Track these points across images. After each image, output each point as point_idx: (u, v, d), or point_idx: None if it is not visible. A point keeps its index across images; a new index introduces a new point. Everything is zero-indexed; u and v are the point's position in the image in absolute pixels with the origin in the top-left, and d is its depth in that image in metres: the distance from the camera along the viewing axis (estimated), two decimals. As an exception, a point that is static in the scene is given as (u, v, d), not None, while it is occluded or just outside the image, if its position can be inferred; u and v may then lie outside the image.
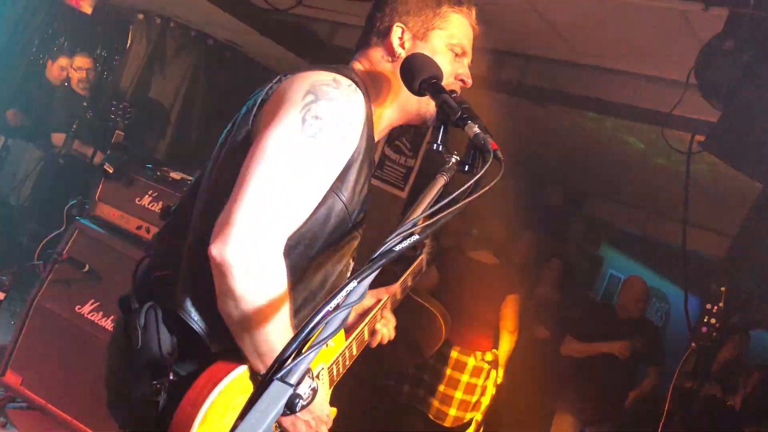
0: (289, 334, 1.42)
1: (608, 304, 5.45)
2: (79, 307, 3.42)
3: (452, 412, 4.43)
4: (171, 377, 1.46)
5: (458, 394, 4.42)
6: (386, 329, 2.08)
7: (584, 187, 7.67)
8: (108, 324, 3.36)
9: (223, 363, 1.46)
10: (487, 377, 4.52)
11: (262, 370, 1.44)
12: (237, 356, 1.46)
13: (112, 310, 3.40)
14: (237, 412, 1.44)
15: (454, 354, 4.44)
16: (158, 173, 3.65)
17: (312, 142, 1.43)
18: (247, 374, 1.48)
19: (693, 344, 3.45)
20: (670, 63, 3.44)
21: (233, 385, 1.45)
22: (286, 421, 1.54)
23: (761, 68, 2.35)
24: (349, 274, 1.70)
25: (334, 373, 1.79)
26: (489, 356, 4.51)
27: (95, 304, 3.42)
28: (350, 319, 1.96)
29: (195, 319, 1.47)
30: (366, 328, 1.98)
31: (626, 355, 4.60)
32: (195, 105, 7.14)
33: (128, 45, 7.28)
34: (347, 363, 1.86)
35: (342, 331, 1.80)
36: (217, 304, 1.40)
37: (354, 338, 1.89)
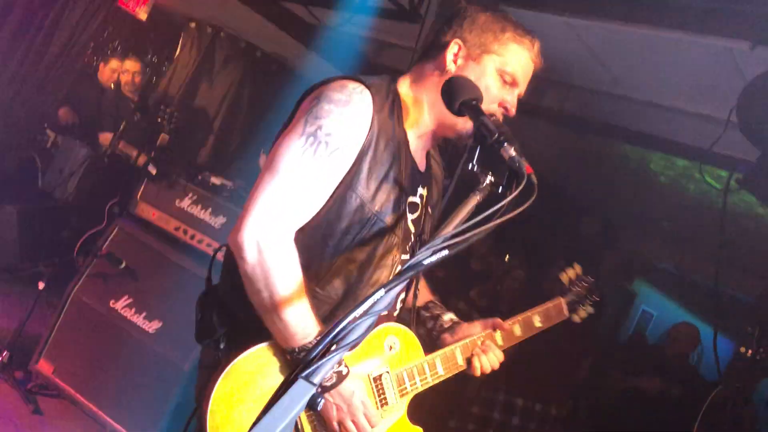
0: (304, 316, 1.55)
1: (658, 345, 5.37)
2: (114, 302, 3.51)
3: None
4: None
5: None
6: (485, 360, 1.89)
7: (621, 219, 7.59)
8: (140, 320, 3.44)
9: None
10: None
11: (283, 345, 1.56)
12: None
13: (145, 306, 3.48)
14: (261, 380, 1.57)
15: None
16: (199, 177, 3.74)
17: (311, 140, 1.58)
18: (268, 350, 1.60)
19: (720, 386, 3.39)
20: (713, 100, 3.43)
21: (253, 356, 1.59)
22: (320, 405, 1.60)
23: (804, 110, 2.34)
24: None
25: (407, 383, 1.77)
26: None
27: (129, 300, 3.50)
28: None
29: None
30: (459, 352, 1.88)
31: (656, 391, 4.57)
32: (238, 115, 7.28)
33: (178, 52, 7.48)
34: (428, 379, 1.81)
35: (419, 344, 1.81)
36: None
37: (439, 357, 1.84)
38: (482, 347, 1.91)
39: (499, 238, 5.88)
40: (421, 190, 1.81)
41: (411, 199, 1.76)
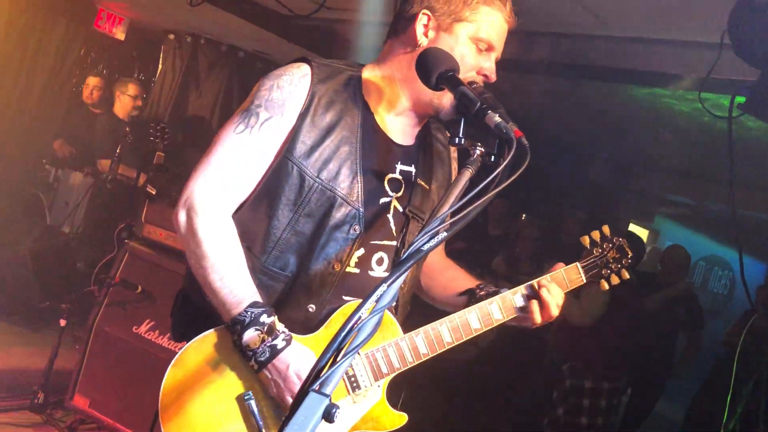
0: (236, 285, 1.53)
1: (650, 272, 5.41)
2: (136, 327, 3.51)
3: None
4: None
5: None
6: (552, 298, 1.74)
7: (629, 160, 7.50)
8: (164, 341, 3.44)
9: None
10: None
11: (224, 320, 1.55)
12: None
13: (168, 327, 3.47)
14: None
15: None
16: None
17: (244, 114, 1.61)
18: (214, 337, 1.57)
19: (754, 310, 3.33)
20: (706, 25, 3.33)
21: (201, 343, 1.57)
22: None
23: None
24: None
25: (382, 364, 1.62)
26: None
27: (151, 323, 3.50)
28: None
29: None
30: (447, 327, 1.69)
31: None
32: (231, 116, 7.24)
33: (161, 66, 7.44)
34: (409, 358, 1.65)
35: (394, 322, 1.68)
36: None
37: (422, 333, 1.66)
38: (543, 284, 1.76)
39: (512, 199, 5.83)
40: (405, 167, 1.74)
41: (390, 175, 1.70)
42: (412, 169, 1.76)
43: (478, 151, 1.45)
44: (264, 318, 1.51)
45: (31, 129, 6.88)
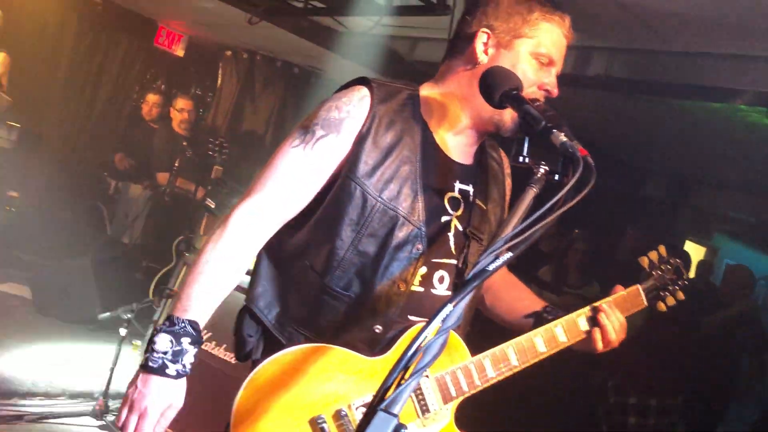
0: (201, 291, 1.51)
1: (709, 290, 5.28)
2: (194, 337, 3.57)
3: None
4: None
5: None
6: (609, 323, 1.75)
7: (686, 175, 7.32)
8: (220, 352, 3.49)
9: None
10: None
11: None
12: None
13: (224, 338, 3.53)
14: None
15: None
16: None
17: (301, 132, 1.62)
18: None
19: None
20: (764, 39, 3.24)
21: (274, 364, 1.52)
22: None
23: None
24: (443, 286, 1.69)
25: (450, 387, 1.61)
26: None
27: (208, 334, 3.55)
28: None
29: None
30: (513, 350, 1.67)
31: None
32: (286, 132, 7.35)
33: (219, 82, 7.62)
34: (476, 382, 1.63)
35: (462, 345, 1.66)
36: None
37: (489, 357, 1.65)
38: (602, 309, 1.76)
39: (564, 214, 5.72)
40: (464, 186, 1.74)
41: (449, 194, 1.70)
42: (470, 188, 1.75)
43: (542, 170, 1.44)
44: (186, 341, 1.46)
45: (94, 142, 7.13)
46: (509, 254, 1.24)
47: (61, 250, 5.45)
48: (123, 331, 3.81)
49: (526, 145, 1.48)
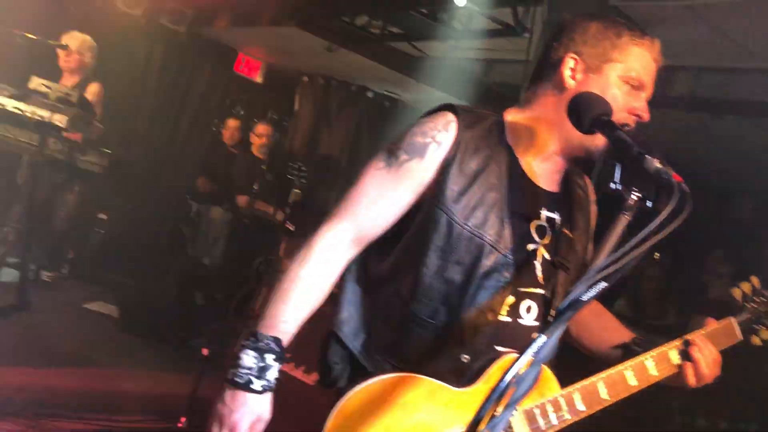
0: (288, 306, 1.54)
1: None
2: (274, 359, 3.62)
3: None
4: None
5: None
6: (702, 357, 1.69)
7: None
8: (299, 373, 3.54)
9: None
10: None
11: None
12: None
13: (303, 359, 3.57)
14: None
15: None
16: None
17: (386, 154, 1.62)
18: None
19: None
20: None
21: (362, 393, 1.52)
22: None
23: None
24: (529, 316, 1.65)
25: (539, 420, 1.57)
26: None
27: (287, 355, 3.60)
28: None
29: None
30: (603, 384, 1.63)
31: None
32: (361, 156, 7.46)
33: (296, 107, 7.80)
34: (566, 416, 1.59)
35: (552, 376, 1.62)
36: None
37: (578, 390, 1.60)
38: (695, 342, 1.70)
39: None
40: (550, 214, 1.70)
41: (536, 222, 1.67)
42: (557, 215, 1.72)
43: (634, 197, 1.41)
44: (270, 357, 1.51)
45: (177, 167, 7.42)
46: (603, 284, 1.21)
47: (147, 271, 5.67)
48: (205, 351, 3.91)
49: (618, 172, 1.45)
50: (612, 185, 1.45)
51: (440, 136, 1.62)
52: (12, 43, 5.11)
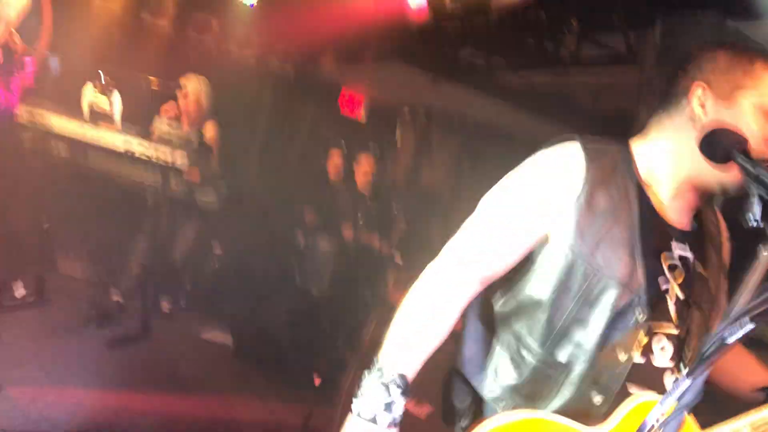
0: (404, 341, 1.54)
1: None
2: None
3: None
4: None
5: None
6: None
7: None
8: (410, 406, 3.52)
9: None
10: None
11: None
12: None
13: (414, 392, 3.57)
14: None
15: None
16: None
17: (503, 189, 1.62)
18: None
19: None
20: None
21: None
22: None
23: None
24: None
25: None
26: None
27: (399, 388, 3.61)
28: None
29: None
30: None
31: None
32: (463, 188, 7.46)
33: (398, 139, 7.92)
34: None
35: (690, 422, 1.55)
36: None
37: None
38: None
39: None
40: (683, 251, 1.64)
41: (668, 260, 1.61)
42: (689, 253, 1.65)
43: None
44: (396, 393, 1.50)
45: (286, 199, 7.67)
46: (750, 325, 1.15)
47: (259, 301, 5.86)
48: (317, 381, 4.00)
49: (758, 207, 1.38)
50: (754, 222, 1.38)
51: (565, 170, 1.58)
52: (136, 85, 5.53)
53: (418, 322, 1.56)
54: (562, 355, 1.57)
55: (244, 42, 7.13)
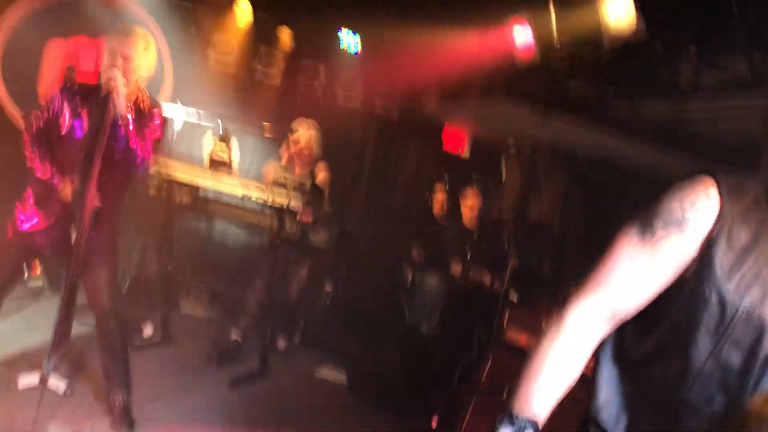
0: (539, 389, 1.52)
1: None
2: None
3: None
4: None
5: None
6: None
7: None
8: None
9: None
10: None
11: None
12: None
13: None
14: None
15: None
16: (560, 296, 3.76)
17: (640, 226, 1.58)
18: None
19: None
20: None
21: None
22: None
23: None
24: None
25: None
26: None
27: None
28: None
29: None
30: None
31: None
32: (572, 221, 7.29)
33: (504, 173, 7.86)
34: None
35: None
36: None
37: None
38: None
39: None
40: None
41: None
42: None
43: None
44: None
45: (393, 238, 7.77)
46: None
47: (369, 339, 5.92)
48: (434, 421, 3.96)
49: None
50: None
51: (701, 207, 1.53)
52: (252, 132, 5.81)
53: (547, 365, 1.55)
54: (708, 402, 1.50)
55: (349, 87, 7.37)
